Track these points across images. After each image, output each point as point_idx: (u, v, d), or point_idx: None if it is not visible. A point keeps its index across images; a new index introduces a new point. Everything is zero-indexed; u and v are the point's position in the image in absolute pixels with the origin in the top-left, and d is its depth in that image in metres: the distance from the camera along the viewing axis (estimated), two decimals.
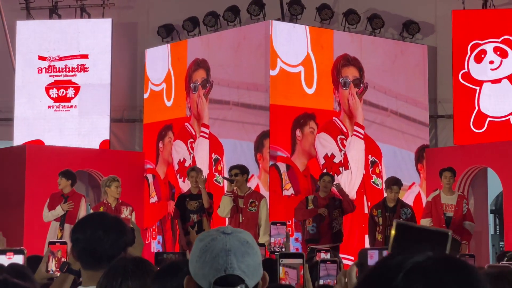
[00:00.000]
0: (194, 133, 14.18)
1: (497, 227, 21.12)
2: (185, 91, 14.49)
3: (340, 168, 13.56)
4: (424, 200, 13.43)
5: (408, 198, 13.67)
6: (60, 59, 15.32)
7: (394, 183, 11.68)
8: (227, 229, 2.43)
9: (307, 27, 13.63)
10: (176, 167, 14.30)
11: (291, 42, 13.35)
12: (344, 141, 13.67)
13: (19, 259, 4.27)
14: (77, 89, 15.27)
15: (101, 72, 15.22)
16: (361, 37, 14.24)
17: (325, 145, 13.50)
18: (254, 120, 13.27)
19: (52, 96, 15.37)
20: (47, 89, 15.38)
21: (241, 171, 11.19)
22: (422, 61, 14.67)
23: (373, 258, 2.25)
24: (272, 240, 5.40)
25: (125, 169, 14.12)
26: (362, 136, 13.83)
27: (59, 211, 11.53)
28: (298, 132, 13.24)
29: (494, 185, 14.26)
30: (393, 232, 1.48)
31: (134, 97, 15.79)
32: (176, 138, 14.48)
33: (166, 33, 15.31)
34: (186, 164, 13.89)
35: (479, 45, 14.40)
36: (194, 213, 11.51)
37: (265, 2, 14.49)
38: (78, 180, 13.66)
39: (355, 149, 13.74)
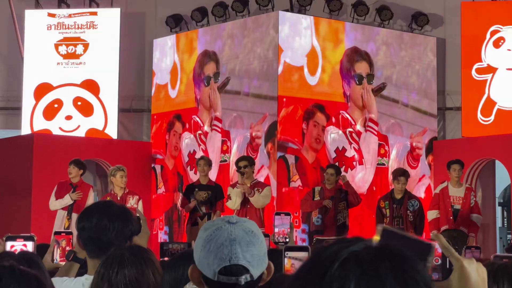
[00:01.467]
0: (202, 125, 14.14)
1: (505, 219, 21.10)
2: (193, 82, 14.43)
3: (354, 163, 13.58)
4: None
5: (419, 190, 13.68)
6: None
7: (401, 174, 11.66)
8: (232, 219, 2.42)
9: (312, 17, 13.60)
10: (186, 159, 14.25)
11: (297, 33, 13.30)
12: (354, 134, 13.65)
13: (29, 246, 4.28)
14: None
15: (110, 62, 15.27)
16: (371, 29, 14.20)
17: (335, 138, 13.50)
18: (264, 111, 13.24)
19: (61, 53, 15.44)
20: (56, 46, 15.45)
21: (249, 162, 11.23)
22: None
23: None
24: (276, 230, 5.38)
25: (133, 159, 14.13)
26: (376, 133, 13.83)
27: (67, 200, 11.53)
28: (303, 125, 13.23)
29: (502, 177, 14.21)
30: (377, 237, 1.46)
31: (142, 87, 15.78)
32: (184, 130, 14.44)
33: (175, 23, 15.29)
34: (197, 156, 13.86)
35: (498, 31, 14.36)
36: (203, 204, 11.47)
37: None
38: (87, 170, 13.70)
39: (369, 145, 13.75)
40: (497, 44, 14.38)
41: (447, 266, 1.94)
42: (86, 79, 15.33)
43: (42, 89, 15.43)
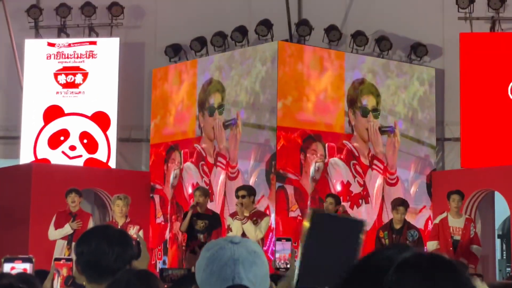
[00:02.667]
0: (204, 154, 14.08)
1: (504, 252, 21.03)
2: (195, 110, 14.38)
3: (360, 201, 13.59)
4: None
5: (418, 221, 13.65)
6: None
7: (400, 204, 11.64)
8: (235, 239, 2.40)
9: (311, 47, 13.65)
10: (190, 191, 14.10)
11: (297, 61, 13.34)
12: (357, 167, 13.65)
13: (28, 267, 4.24)
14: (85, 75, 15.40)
15: (109, 91, 15.28)
16: (371, 59, 14.25)
17: (338, 171, 13.50)
18: (264, 141, 13.24)
19: (60, 82, 15.44)
20: (56, 75, 15.45)
21: (248, 192, 11.20)
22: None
23: None
24: (277, 255, 5.35)
25: (131, 188, 14.06)
26: (381, 171, 13.85)
27: (67, 229, 11.48)
28: (301, 156, 13.22)
29: (502, 209, 14.18)
30: (307, 223, 1.44)
31: (141, 116, 15.78)
32: (186, 160, 14.40)
33: (174, 53, 15.33)
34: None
35: None
36: (201, 233, 11.48)
37: (273, 23, 14.50)
38: (84, 199, 13.67)
39: (375, 184, 13.78)
40: None
41: None
42: (97, 111, 15.28)
43: (52, 112, 15.36)
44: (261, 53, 13.52)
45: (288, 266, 5.44)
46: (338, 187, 13.40)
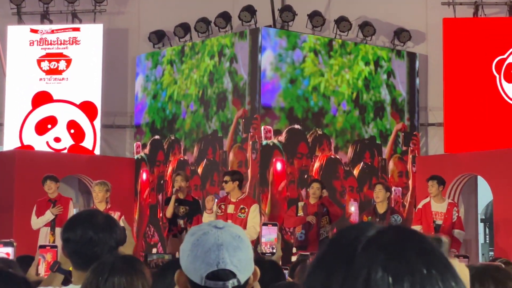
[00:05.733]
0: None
1: (487, 236, 21.18)
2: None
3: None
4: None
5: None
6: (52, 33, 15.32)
7: (377, 183, 11.85)
8: (219, 223, 2.42)
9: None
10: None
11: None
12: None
13: (9, 251, 4.26)
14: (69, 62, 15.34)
15: (92, 77, 15.24)
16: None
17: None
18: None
19: (43, 69, 15.38)
20: (39, 61, 15.39)
21: (231, 177, 11.18)
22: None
23: None
24: (263, 240, 5.36)
25: (115, 175, 14.09)
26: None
27: (48, 216, 11.50)
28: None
29: (485, 193, 14.27)
30: None
31: (124, 103, 15.76)
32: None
33: (157, 39, 15.31)
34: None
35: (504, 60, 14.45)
36: (181, 218, 11.54)
37: (256, 9, 14.49)
38: (68, 186, 13.66)
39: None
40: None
41: None
42: (85, 100, 15.20)
43: (41, 98, 15.28)
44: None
45: (274, 251, 5.46)
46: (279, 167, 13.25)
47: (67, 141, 15.19)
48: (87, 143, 15.15)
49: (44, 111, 15.26)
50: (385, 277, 1.25)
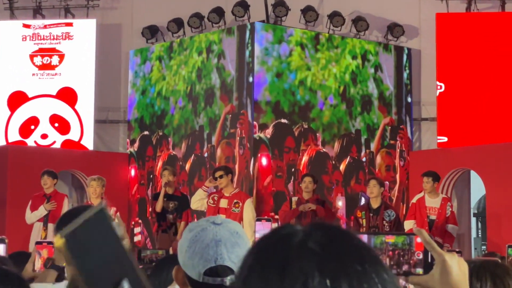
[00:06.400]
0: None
1: (480, 230, 21.21)
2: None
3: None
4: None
5: None
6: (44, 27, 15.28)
7: (371, 178, 11.84)
8: (217, 219, 2.42)
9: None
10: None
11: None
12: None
13: (0, 248, 4.25)
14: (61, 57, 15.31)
15: (85, 73, 15.21)
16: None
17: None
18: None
19: (36, 64, 15.35)
20: (32, 57, 15.35)
21: (225, 171, 11.19)
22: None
23: None
24: (257, 235, 5.37)
25: (109, 170, 14.07)
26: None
27: (42, 211, 11.48)
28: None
29: (477, 188, 14.28)
30: (63, 247, 1.39)
31: (118, 98, 15.74)
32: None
33: (151, 34, 15.29)
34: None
35: None
36: (170, 213, 11.61)
37: (249, 4, 14.48)
38: (62, 181, 13.63)
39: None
40: None
41: (429, 261, 1.96)
42: (62, 87, 15.20)
43: (17, 98, 15.28)
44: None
45: None
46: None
47: (54, 136, 15.17)
48: (74, 133, 15.10)
49: (23, 112, 15.22)
50: (323, 281, 1.24)
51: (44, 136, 15.18)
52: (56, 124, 15.19)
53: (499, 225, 12.82)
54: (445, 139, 14.32)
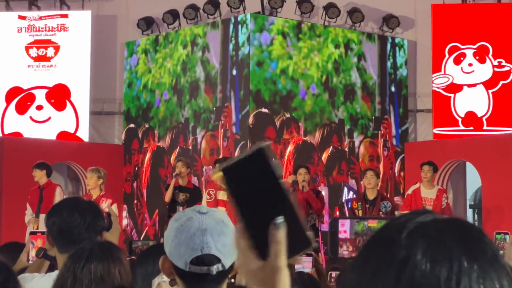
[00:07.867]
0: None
1: (476, 222, 21.23)
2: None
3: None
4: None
5: None
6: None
7: (367, 169, 11.86)
8: (203, 209, 2.41)
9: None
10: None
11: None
12: None
13: None
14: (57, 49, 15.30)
15: (81, 64, 15.20)
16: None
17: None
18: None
19: (32, 55, 15.33)
20: (27, 48, 15.33)
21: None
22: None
23: (344, 226, 2.24)
24: None
25: (104, 161, 14.05)
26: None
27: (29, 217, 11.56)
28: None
29: (473, 180, 14.30)
30: (223, 182, 1.44)
31: (113, 90, 15.73)
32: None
33: (146, 25, 15.27)
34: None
35: (458, 48, 14.45)
36: (181, 205, 11.56)
37: None
38: (57, 173, 13.61)
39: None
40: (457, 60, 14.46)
41: None
42: (57, 83, 15.20)
43: (14, 92, 15.29)
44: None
45: None
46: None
47: (48, 111, 15.14)
48: (69, 124, 15.08)
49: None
50: (424, 261, 1.19)
51: (39, 108, 15.15)
52: (52, 100, 15.19)
53: (495, 216, 12.83)
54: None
